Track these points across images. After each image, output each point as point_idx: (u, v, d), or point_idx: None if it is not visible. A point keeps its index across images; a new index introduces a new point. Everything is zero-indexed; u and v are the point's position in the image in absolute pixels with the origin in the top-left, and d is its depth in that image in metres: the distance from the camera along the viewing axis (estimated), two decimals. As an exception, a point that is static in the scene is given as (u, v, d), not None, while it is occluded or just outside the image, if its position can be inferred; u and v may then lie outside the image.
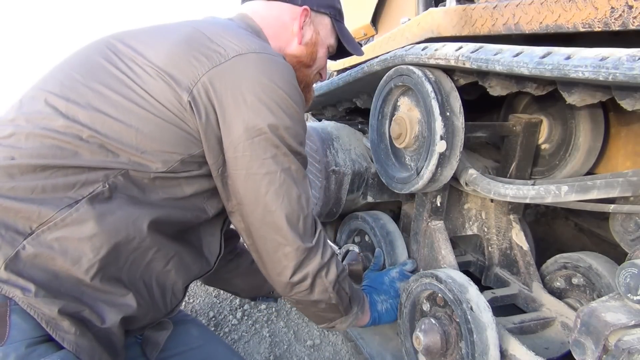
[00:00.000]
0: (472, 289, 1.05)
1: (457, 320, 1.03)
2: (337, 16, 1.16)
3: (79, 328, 0.77)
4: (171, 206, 0.89)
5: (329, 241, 1.05)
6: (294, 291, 0.98)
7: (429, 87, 1.05)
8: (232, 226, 1.07)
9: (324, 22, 1.15)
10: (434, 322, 1.08)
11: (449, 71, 1.09)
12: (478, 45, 0.94)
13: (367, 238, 1.56)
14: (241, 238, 1.06)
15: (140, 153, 0.83)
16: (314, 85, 1.38)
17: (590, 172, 1.25)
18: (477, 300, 1.02)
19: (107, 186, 0.81)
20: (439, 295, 1.09)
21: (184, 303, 1.82)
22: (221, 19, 1.04)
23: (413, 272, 1.35)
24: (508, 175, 1.29)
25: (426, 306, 1.14)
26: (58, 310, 0.74)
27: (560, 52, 0.78)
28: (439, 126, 1.04)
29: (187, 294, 1.85)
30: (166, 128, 0.84)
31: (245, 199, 0.90)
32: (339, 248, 1.57)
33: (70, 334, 0.75)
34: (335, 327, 1.14)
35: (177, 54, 0.85)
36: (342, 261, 1.53)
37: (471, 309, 1.00)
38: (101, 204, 0.80)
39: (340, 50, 1.22)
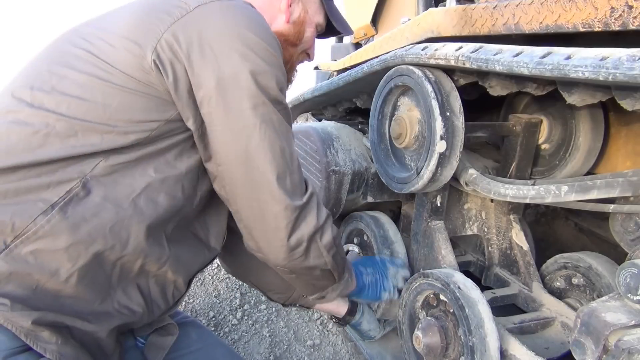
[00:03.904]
0: (458, 274, 1.10)
1: (452, 310, 1.04)
2: None
3: (60, 337, 0.74)
4: (163, 193, 0.83)
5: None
6: (290, 258, 0.91)
7: (429, 87, 1.05)
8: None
9: (313, 0, 1.10)
10: (430, 319, 1.09)
11: (449, 71, 1.09)
12: (478, 45, 0.94)
13: (365, 237, 1.56)
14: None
15: (112, 128, 0.78)
16: (314, 85, 1.37)
17: (590, 172, 1.25)
18: (464, 282, 1.06)
19: (83, 184, 0.76)
20: (431, 294, 1.10)
21: (183, 303, 1.82)
22: None
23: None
24: (508, 175, 1.29)
25: (422, 315, 1.16)
26: (36, 321, 0.72)
27: (560, 52, 0.78)
28: (439, 126, 1.04)
29: (187, 294, 1.85)
30: (135, 96, 0.79)
31: (226, 158, 0.83)
32: None
33: (52, 343, 0.73)
34: (326, 297, 1.09)
35: (138, 18, 0.81)
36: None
37: (459, 288, 1.03)
38: (75, 209, 0.75)
39: (328, 29, 1.17)
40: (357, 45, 2.53)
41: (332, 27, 1.16)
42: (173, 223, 0.88)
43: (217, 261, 1.98)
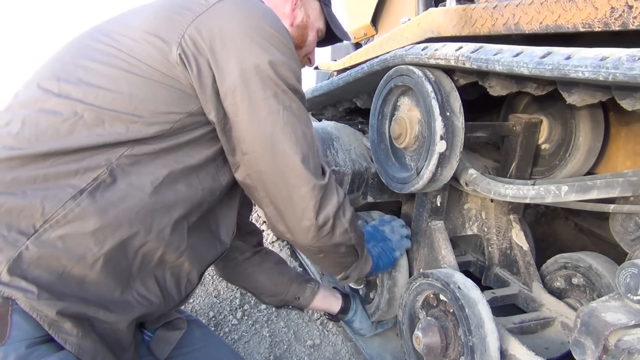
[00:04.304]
0: (458, 274, 1.10)
1: (452, 310, 1.04)
2: (325, 0, 1.18)
3: (81, 329, 0.76)
4: (182, 182, 0.87)
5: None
6: (318, 236, 0.94)
7: (429, 87, 1.05)
8: (253, 219, 1.04)
9: (314, 6, 1.16)
10: (430, 319, 1.09)
11: (449, 71, 1.09)
12: (478, 45, 0.94)
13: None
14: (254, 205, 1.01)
15: (138, 118, 0.81)
16: (314, 85, 1.39)
17: (590, 172, 1.25)
18: (464, 282, 1.06)
19: (110, 172, 0.79)
20: (431, 294, 1.10)
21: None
22: None
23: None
24: (508, 175, 1.29)
25: (422, 315, 1.16)
26: (60, 311, 0.73)
27: (560, 52, 0.78)
28: (439, 126, 1.04)
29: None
30: (159, 88, 0.83)
31: (252, 146, 0.87)
32: None
33: (73, 335, 0.75)
34: (350, 276, 1.14)
35: (159, 14, 0.86)
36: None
37: (459, 288, 1.03)
38: (103, 195, 0.78)
39: (327, 36, 1.23)
40: (357, 45, 2.53)
41: (331, 34, 1.22)
42: (197, 214, 0.92)
43: (217, 261, 1.98)
